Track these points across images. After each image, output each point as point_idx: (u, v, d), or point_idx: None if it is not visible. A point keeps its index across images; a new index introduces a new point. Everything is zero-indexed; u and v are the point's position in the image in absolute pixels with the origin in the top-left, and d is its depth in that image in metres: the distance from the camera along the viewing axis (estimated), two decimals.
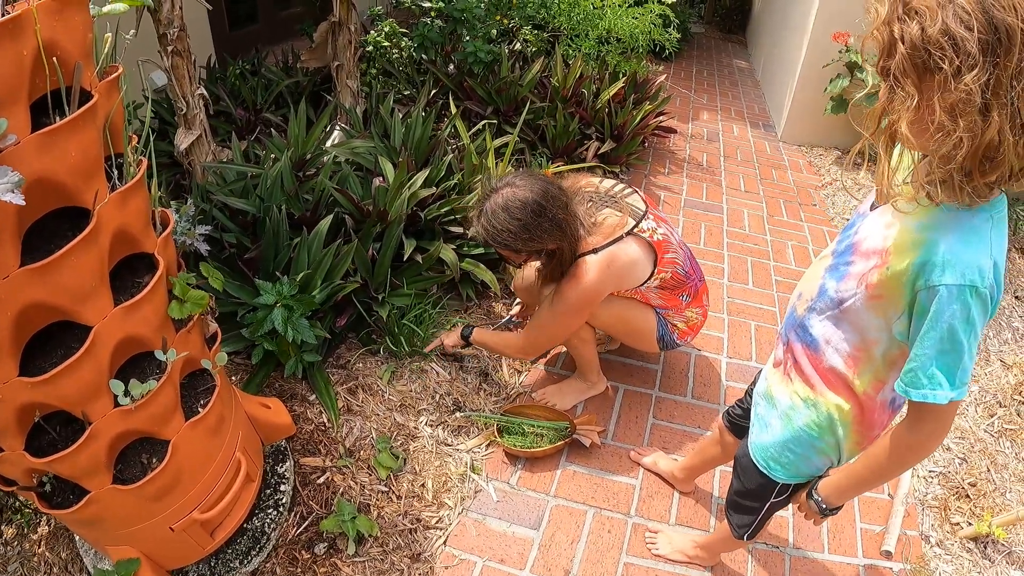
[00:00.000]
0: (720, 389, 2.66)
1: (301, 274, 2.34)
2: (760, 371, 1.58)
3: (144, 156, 1.28)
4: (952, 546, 2.12)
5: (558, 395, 2.43)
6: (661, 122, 4.37)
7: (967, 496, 2.27)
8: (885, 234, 1.11)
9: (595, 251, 1.96)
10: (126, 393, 1.20)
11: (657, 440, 2.39)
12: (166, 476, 1.38)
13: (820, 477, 1.35)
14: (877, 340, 1.16)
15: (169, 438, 1.38)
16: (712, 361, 2.80)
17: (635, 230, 2.00)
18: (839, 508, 1.33)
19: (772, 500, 1.47)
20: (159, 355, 1.26)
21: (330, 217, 2.51)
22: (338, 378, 2.44)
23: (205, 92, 2.79)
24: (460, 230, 2.81)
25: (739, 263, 3.51)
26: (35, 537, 1.85)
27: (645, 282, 2.06)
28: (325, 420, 2.29)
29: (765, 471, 1.44)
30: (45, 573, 1.78)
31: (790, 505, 1.67)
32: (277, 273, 2.38)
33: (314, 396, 2.36)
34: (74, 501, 1.33)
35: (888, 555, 2.04)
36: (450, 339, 2.38)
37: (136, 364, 1.34)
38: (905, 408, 1.16)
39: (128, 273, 1.31)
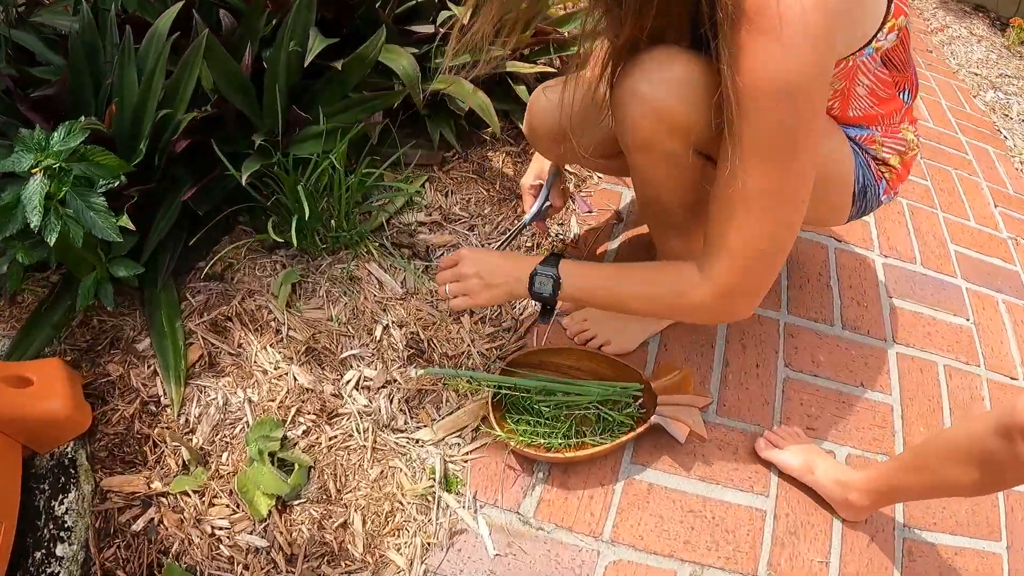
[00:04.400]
0: (882, 311, 1.52)
1: (118, 108, 1.15)
2: None
3: None
4: None
5: (612, 326, 1.28)
6: None
7: None
8: None
9: None
10: None
11: (795, 407, 1.27)
12: None
13: None
14: None
15: None
16: (862, 259, 1.64)
17: None
18: None
19: None
20: None
21: (177, 7, 1.28)
22: (201, 301, 1.30)
23: None
24: (427, 29, 1.57)
25: None
26: None
27: (875, 34, 0.93)
28: (161, 392, 1.18)
29: None
30: None
31: None
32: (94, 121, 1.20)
33: (148, 341, 1.24)
34: None
35: None
36: (492, 292, 1.07)
37: None
38: None
39: None
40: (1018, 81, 3.25)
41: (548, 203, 1.30)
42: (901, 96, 1.07)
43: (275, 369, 1.21)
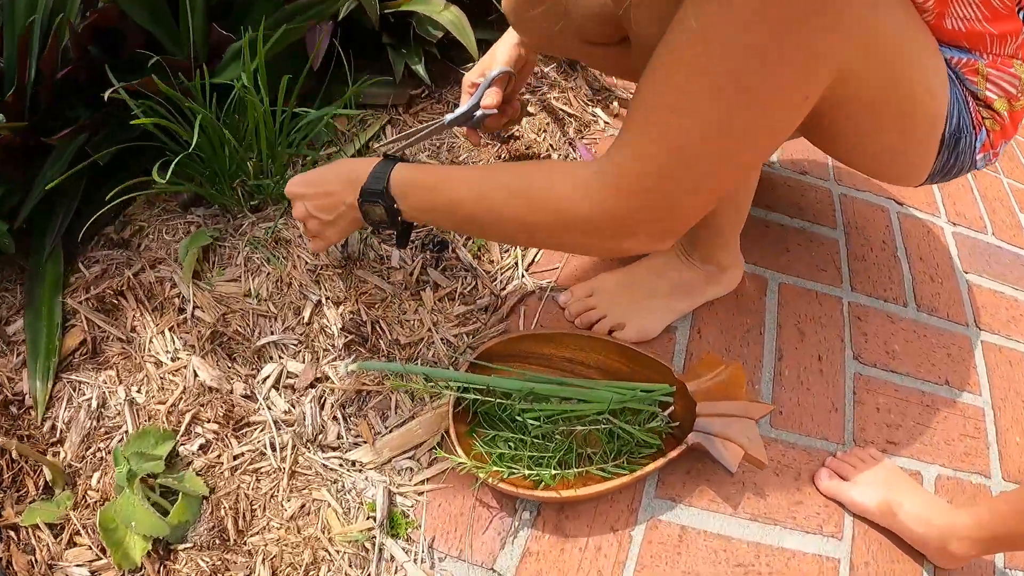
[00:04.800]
0: (960, 289, 1.21)
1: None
2: None
3: None
4: None
5: (627, 304, 0.96)
6: None
7: None
8: None
9: None
10: None
11: (870, 413, 0.95)
12: None
13: None
14: None
15: None
16: (928, 227, 1.33)
17: None
18: None
19: None
20: None
21: None
22: (97, 272, 0.99)
23: None
24: None
25: None
26: None
27: None
28: (25, 388, 0.88)
29: None
30: None
31: None
32: None
33: (21, 323, 0.94)
34: None
35: None
36: (335, 226, 0.80)
37: None
38: None
39: None
40: None
41: (482, 110, 0.97)
42: (1023, 15, 0.74)
43: (172, 360, 0.90)
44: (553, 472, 0.75)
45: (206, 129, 0.91)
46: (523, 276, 0.99)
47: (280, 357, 0.88)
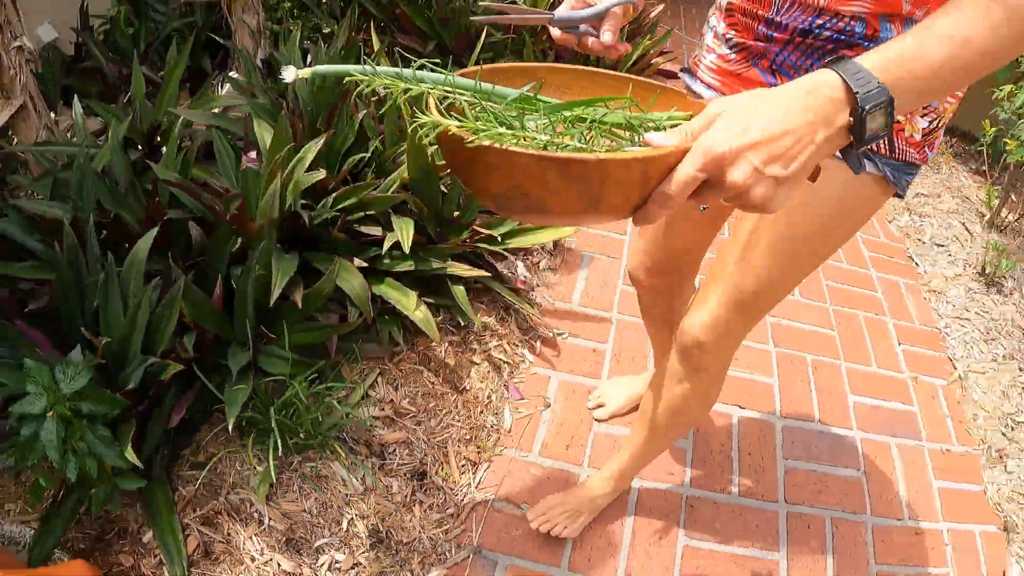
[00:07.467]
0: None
1: (107, 340, 1.42)
2: None
3: None
4: None
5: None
6: (662, 64, 3.33)
7: None
8: None
9: None
10: None
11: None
12: None
13: None
14: None
15: None
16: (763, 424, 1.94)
17: None
18: None
19: None
20: None
21: (154, 231, 1.54)
22: (189, 494, 1.54)
23: (28, 43, 1.80)
24: (376, 232, 1.85)
25: None
26: None
27: None
28: None
29: None
30: None
31: None
32: (85, 333, 1.45)
33: (152, 533, 1.48)
34: None
35: None
36: (796, 180, 0.61)
37: None
38: None
39: None
40: (933, 200, 3.24)
41: (587, 27, 0.89)
42: None
43: (261, 556, 1.45)
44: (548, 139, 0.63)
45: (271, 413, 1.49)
46: (475, 486, 1.58)
47: (330, 551, 1.45)
